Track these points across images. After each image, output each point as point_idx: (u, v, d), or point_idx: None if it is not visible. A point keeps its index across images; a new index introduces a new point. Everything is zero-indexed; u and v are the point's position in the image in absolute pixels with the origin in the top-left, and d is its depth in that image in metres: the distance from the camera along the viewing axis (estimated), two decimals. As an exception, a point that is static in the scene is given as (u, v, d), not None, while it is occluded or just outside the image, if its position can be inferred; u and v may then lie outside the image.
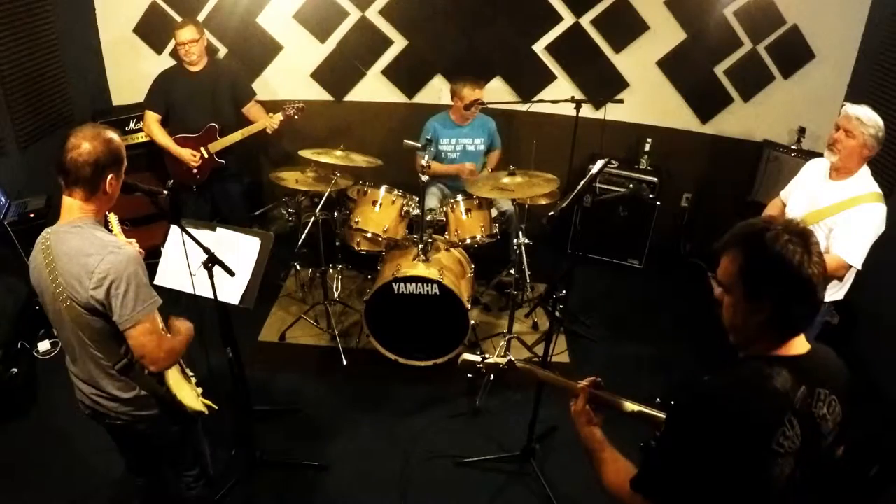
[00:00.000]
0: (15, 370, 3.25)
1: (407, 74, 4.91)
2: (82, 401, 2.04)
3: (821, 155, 2.86)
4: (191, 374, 2.25)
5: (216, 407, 2.24)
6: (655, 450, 1.42)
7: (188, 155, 3.93)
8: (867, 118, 2.53)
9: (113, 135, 1.85)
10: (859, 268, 2.58)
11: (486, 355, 2.02)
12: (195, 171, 4.00)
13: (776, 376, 1.29)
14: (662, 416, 1.65)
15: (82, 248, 1.78)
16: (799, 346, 1.36)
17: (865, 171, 2.64)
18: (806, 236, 1.30)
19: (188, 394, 2.11)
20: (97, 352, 1.89)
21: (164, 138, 3.95)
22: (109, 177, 1.82)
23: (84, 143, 1.77)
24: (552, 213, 3.08)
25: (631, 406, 1.70)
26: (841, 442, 1.46)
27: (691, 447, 1.31)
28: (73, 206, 1.84)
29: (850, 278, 2.70)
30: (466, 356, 2.01)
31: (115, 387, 1.96)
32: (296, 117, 4.02)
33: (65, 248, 1.80)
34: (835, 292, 2.73)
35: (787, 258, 1.27)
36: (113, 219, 2.18)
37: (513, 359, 2.00)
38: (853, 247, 2.54)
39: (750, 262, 1.32)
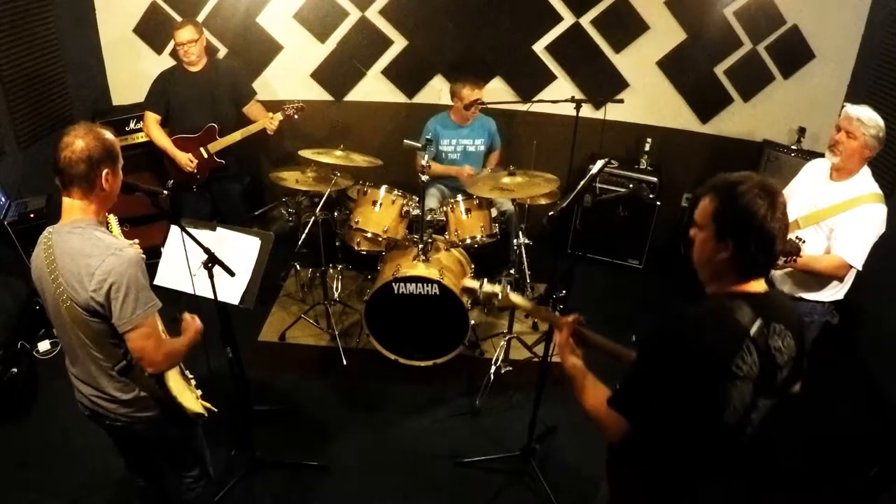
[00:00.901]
0: (15, 370, 3.25)
1: (407, 74, 4.91)
2: (82, 401, 2.04)
3: (821, 155, 2.86)
4: (190, 376, 2.25)
5: (216, 409, 2.24)
6: (629, 372, 1.60)
7: (185, 160, 3.92)
8: (868, 119, 2.53)
9: (105, 131, 1.85)
10: (860, 268, 2.58)
11: (484, 280, 2.15)
12: (195, 171, 4.00)
13: (737, 309, 1.49)
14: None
15: (83, 249, 1.78)
16: (758, 286, 1.55)
17: (866, 172, 2.64)
18: (774, 194, 1.49)
19: (188, 396, 2.10)
20: (97, 353, 1.89)
21: (163, 140, 3.94)
22: (104, 172, 1.81)
23: (77, 141, 1.77)
24: (552, 213, 3.07)
25: (609, 344, 1.89)
26: (796, 378, 1.67)
27: (659, 366, 1.51)
28: (73, 206, 1.84)
29: (850, 279, 2.69)
30: (467, 282, 2.15)
31: (114, 387, 1.95)
32: (295, 117, 4.02)
33: (66, 248, 1.80)
34: (834, 292, 2.73)
35: (753, 210, 1.46)
36: (113, 220, 2.18)
37: (508, 290, 2.13)
38: (854, 247, 2.54)
39: (722, 208, 1.51)
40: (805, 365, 1.70)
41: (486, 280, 2.16)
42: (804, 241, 2.57)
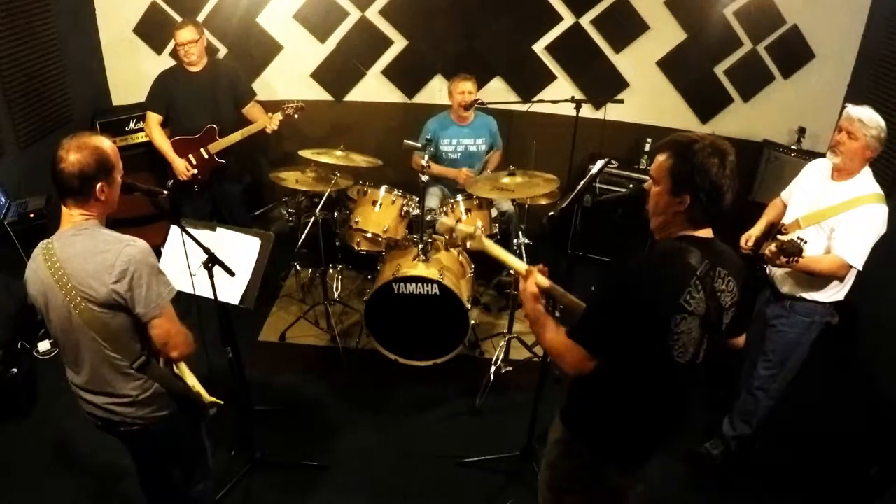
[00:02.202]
0: (15, 370, 3.25)
1: (407, 74, 4.91)
2: (93, 413, 2.03)
3: (821, 155, 2.86)
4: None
5: (222, 402, 2.24)
6: (588, 306, 1.79)
7: (182, 167, 3.92)
8: (869, 119, 2.52)
9: (100, 143, 1.82)
10: (860, 268, 2.57)
11: (461, 220, 2.21)
12: (195, 171, 3.99)
13: (685, 250, 1.65)
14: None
15: (95, 247, 1.80)
16: (705, 233, 1.71)
17: (867, 173, 2.63)
18: (724, 152, 1.63)
19: (198, 385, 2.12)
20: (113, 353, 1.89)
21: (163, 144, 3.94)
22: (99, 185, 1.81)
23: (70, 155, 1.77)
24: (552, 213, 3.07)
25: (569, 297, 1.98)
26: (740, 327, 1.86)
27: (615, 300, 1.67)
28: (72, 214, 1.85)
29: (850, 279, 2.69)
30: (444, 219, 2.24)
31: (132, 387, 1.95)
32: (295, 117, 4.02)
33: (73, 251, 1.80)
34: (835, 293, 2.72)
35: (707, 167, 1.61)
36: None
37: (480, 230, 2.22)
38: (854, 247, 2.54)
39: (677, 165, 1.66)
40: (747, 318, 1.87)
41: (461, 220, 2.23)
42: (806, 242, 2.57)
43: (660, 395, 1.79)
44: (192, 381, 2.08)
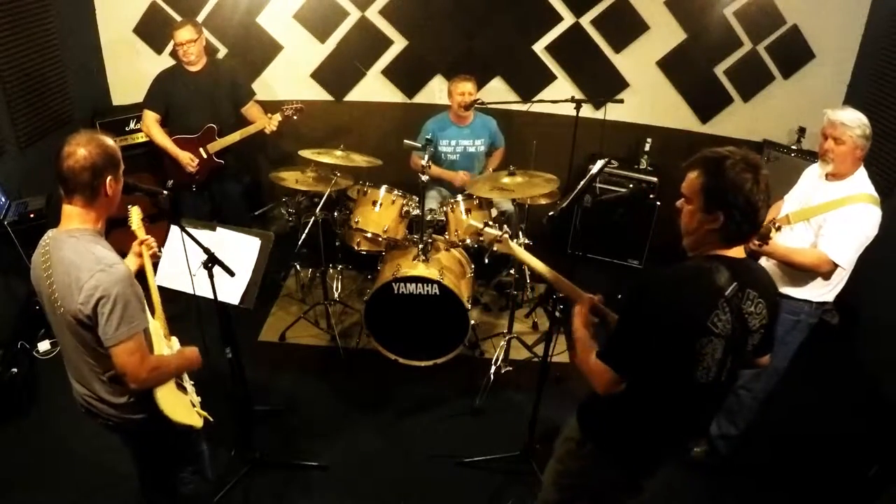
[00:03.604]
0: (15, 370, 3.25)
1: (407, 74, 4.91)
2: (77, 399, 2.06)
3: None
4: (190, 382, 2.25)
5: (211, 419, 2.23)
6: (616, 326, 1.76)
7: (186, 159, 3.93)
8: (850, 120, 2.49)
9: (106, 138, 1.86)
10: (845, 267, 2.53)
11: (489, 222, 2.21)
12: (196, 170, 3.99)
13: (714, 270, 1.60)
14: None
15: (74, 261, 1.78)
16: (737, 252, 1.66)
17: (862, 173, 2.58)
18: (758, 167, 1.58)
19: (179, 407, 2.08)
20: (89, 358, 1.91)
21: (162, 139, 3.95)
22: (108, 179, 1.83)
23: (79, 150, 1.78)
24: (552, 213, 3.08)
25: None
26: (766, 348, 1.81)
27: (641, 320, 1.63)
28: (72, 213, 1.84)
29: (840, 280, 2.63)
30: (471, 222, 2.25)
31: (105, 391, 1.97)
32: (294, 118, 4.02)
33: (60, 256, 1.81)
34: (823, 293, 2.67)
35: (739, 183, 1.55)
36: (135, 213, 2.21)
37: (508, 233, 2.23)
38: (839, 244, 2.50)
39: (710, 182, 1.60)
40: (773, 339, 1.83)
41: (489, 222, 2.24)
42: (779, 229, 2.56)
43: (678, 412, 1.77)
44: (165, 401, 2.00)
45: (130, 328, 1.81)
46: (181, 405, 2.10)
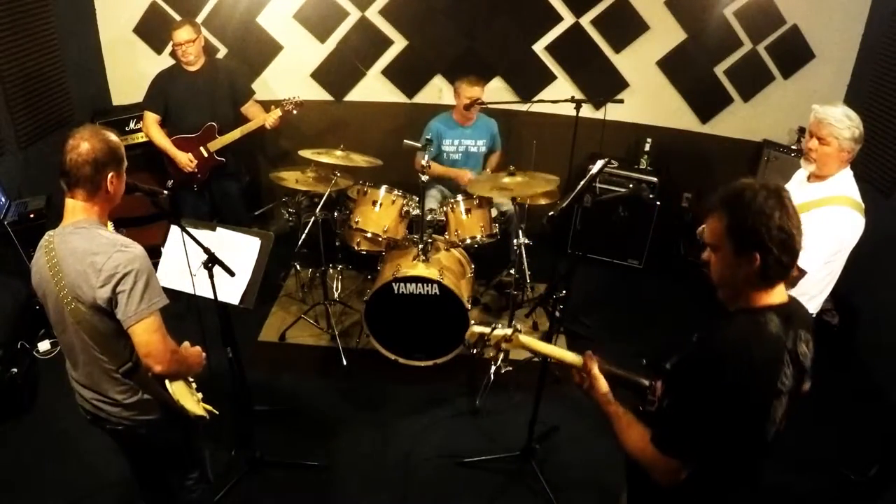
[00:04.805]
0: (15, 370, 3.25)
1: (407, 74, 4.91)
2: (83, 406, 2.04)
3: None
4: (191, 379, 2.25)
5: (217, 412, 2.23)
6: (670, 411, 1.54)
7: (185, 160, 3.92)
8: (838, 120, 2.32)
9: (111, 134, 1.87)
10: (809, 271, 2.34)
11: (496, 325, 2.01)
12: (195, 170, 3.99)
13: (770, 322, 1.45)
14: (646, 381, 1.78)
15: (89, 248, 1.79)
16: (780, 294, 1.51)
17: (846, 175, 2.43)
18: (780, 193, 1.44)
19: (189, 399, 2.10)
20: (101, 355, 1.89)
21: (162, 140, 3.94)
22: (110, 175, 1.83)
23: (83, 143, 1.79)
24: (552, 213, 3.08)
25: (627, 374, 1.82)
26: (810, 378, 1.59)
27: (702, 398, 1.43)
28: (75, 207, 1.84)
29: (821, 291, 2.47)
30: (475, 328, 2.01)
31: (117, 391, 1.95)
32: (294, 113, 4.02)
33: (70, 248, 1.80)
34: (811, 307, 2.48)
35: (767, 213, 1.41)
36: (109, 226, 2.19)
37: (518, 328, 2.01)
38: (806, 248, 2.42)
39: (735, 221, 1.45)
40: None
41: (496, 325, 2.00)
42: None
43: (746, 479, 1.61)
44: (180, 392, 2.04)
45: (151, 304, 1.82)
46: (191, 397, 2.12)
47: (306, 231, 3.86)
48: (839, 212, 2.35)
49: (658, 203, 4.67)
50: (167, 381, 1.99)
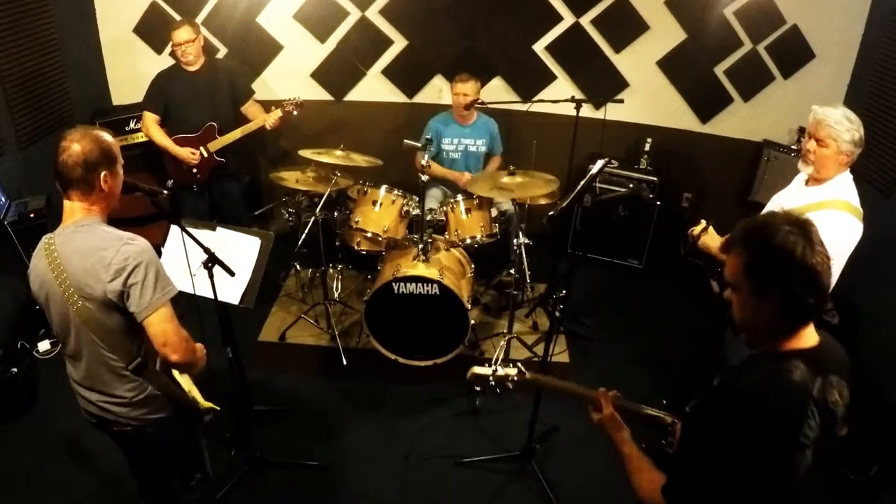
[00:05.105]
0: (15, 370, 3.25)
1: (407, 74, 4.91)
2: (87, 409, 2.03)
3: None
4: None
5: (219, 408, 2.24)
6: (683, 458, 1.47)
7: (187, 154, 3.92)
8: (838, 122, 2.26)
9: (102, 133, 1.86)
10: None
11: (497, 368, 1.94)
12: (195, 170, 4.00)
13: (795, 370, 1.33)
14: (669, 419, 1.71)
15: (96, 244, 1.79)
16: (809, 338, 1.39)
17: (844, 179, 2.38)
18: (806, 227, 1.33)
19: (197, 392, 2.11)
20: (109, 353, 1.88)
21: (162, 139, 3.94)
22: (103, 174, 1.83)
23: (73, 145, 1.79)
24: (552, 213, 3.08)
25: (647, 410, 1.74)
26: (845, 423, 1.47)
27: (719, 448, 1.34)
28: (73, 208, 1.84)
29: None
30: (477, 370, 1.96)
31: (126, 388, 1.95)
32: (294, 113, 4.02)
33: (73, 247, 1.80)
34: None
35: (788, 249, 1.29)
36: None
37: (522, 369, 1.96)
38: None
39: (754, 259, 1.34)
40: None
41: (499, 366, 1.98)
42: (706, 229, 2.49)
43: None
44: (188, 385, 2.06)
45: (164, 293, 1.84)
46: (196, 391, 2.12)
47: (306, 231, 3.86)
48: (836, 217, 2.29)
49: (658, 203, 4.67)
50: (176, 375, 2.00)
